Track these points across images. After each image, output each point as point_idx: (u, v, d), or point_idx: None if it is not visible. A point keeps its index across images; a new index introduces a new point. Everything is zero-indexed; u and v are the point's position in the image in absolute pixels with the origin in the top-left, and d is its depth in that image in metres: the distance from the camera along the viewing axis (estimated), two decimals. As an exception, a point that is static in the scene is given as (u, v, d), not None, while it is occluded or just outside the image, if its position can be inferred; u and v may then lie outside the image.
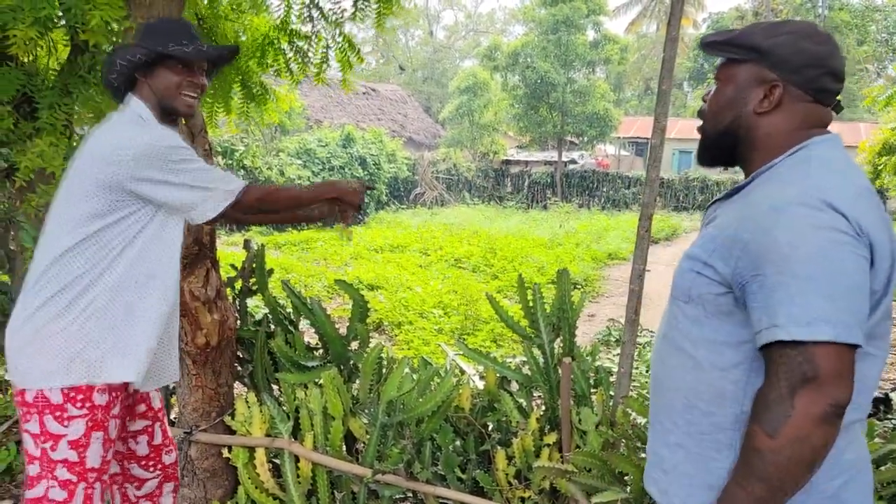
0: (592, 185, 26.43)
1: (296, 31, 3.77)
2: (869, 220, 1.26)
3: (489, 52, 27.15)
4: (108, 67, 2.13)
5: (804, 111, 1.40)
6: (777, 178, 1.37)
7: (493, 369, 3.02)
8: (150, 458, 2.40)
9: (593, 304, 9.28)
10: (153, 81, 2.12)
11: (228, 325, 3.05)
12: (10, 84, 3.04)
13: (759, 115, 1.42)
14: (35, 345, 2.02)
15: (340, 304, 8.31)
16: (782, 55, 1.38)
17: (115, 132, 2.05)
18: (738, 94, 1.44)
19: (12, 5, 2.61)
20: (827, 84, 1.39)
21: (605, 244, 14.29)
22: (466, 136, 27.17)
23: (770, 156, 1.42)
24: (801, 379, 1.18)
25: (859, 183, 1.33)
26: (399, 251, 12.77)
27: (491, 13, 49.46)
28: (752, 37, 1.42)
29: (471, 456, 2.94)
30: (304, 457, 2.94)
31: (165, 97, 2.12)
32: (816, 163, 1.34)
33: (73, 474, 2.05)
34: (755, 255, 1.27)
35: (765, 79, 1.40)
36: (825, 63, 1.38)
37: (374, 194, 20.60)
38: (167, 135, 2.05)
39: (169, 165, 2.01)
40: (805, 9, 38.77)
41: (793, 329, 1.19)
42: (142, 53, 2.07)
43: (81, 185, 2.03)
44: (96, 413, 2.06)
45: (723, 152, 1.52)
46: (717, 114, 1.49)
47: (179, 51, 2.08)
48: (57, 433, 2.03)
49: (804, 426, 1.18)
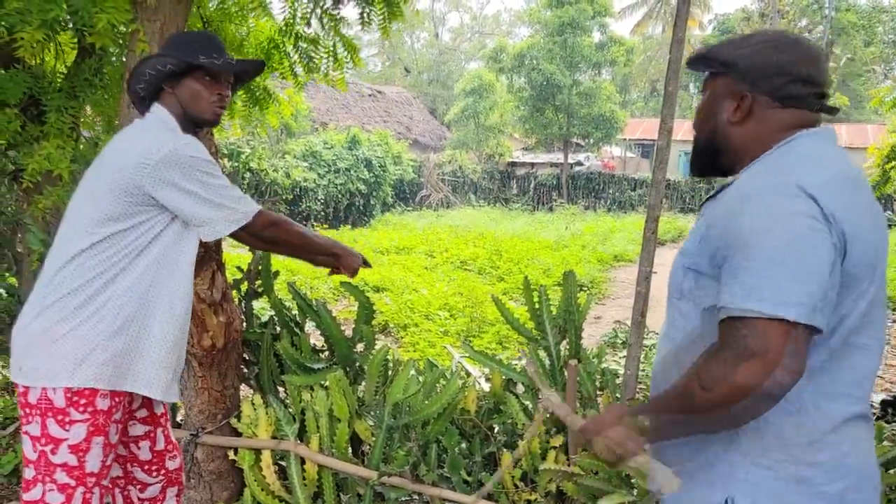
0: (598, 186, 26.39)
1: (300, 34, 3.78)
2: (843, 206, 1.28)
3: (495, 54, 27.13)
4: (135, 76, 2.15)
5: (777, 118, 1.45)
6: (754, 170, 1.44)
7: (498, 371, 3.01)
8: (152, 462, 2.38)
9: (599, 307, 9.26)
10: (180, 92, 2.14)
11: (234, 328, 3.06)
12: (18, 87, 3.06)
13: (733, 125, 1.49)
14: (42, 344, 2.01)
15: (346, 307, 8.31)
16: (748, 66, 1.45)
17: (142, 137, 2.07)
18: (714, 106, 1.52)
19: (20, 8, 2.62)
20: (795, 90, 1.43)
21: (611, 246, 14.27)
22: (472, 138, 27.16)
23: (750, 160, 1.47)
24: (746, 350, 1.22)
25: (839, 169, 1.36)
26: (405, 253, 12.76)
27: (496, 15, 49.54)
28: (721, 51, 1.50)
29: (477, 458, 2.93)
30: (309, 459, 2.94)
31: (192, 107, 2.16)
32: (794, 153, 1.40)
33: (71, 478, 2.05)
34: (727, 242, 1.33)
35: (734, 90, 1.47)
36: (790, 70, 1.42)
37: (380, 196, 20.61)
38: (194, 144, 2.07)
39: (192, 174, 2.03)
40: (811, 10, 38.68)
41: (739, 302, 1.24)
42: (172, 64, 2.10)
43: (100, 188, 2.04)
44: (98, 418, 2.05)
45: (708, 161, 1.58)
46: (701, 125, 1.57)
47: (210, 62, 2.11)
48: (58, 437, 2.02)
49: (735, 394, 1.22)
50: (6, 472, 3.47)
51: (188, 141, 2.07)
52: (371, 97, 28.01)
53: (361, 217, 19.85)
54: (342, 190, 18.92)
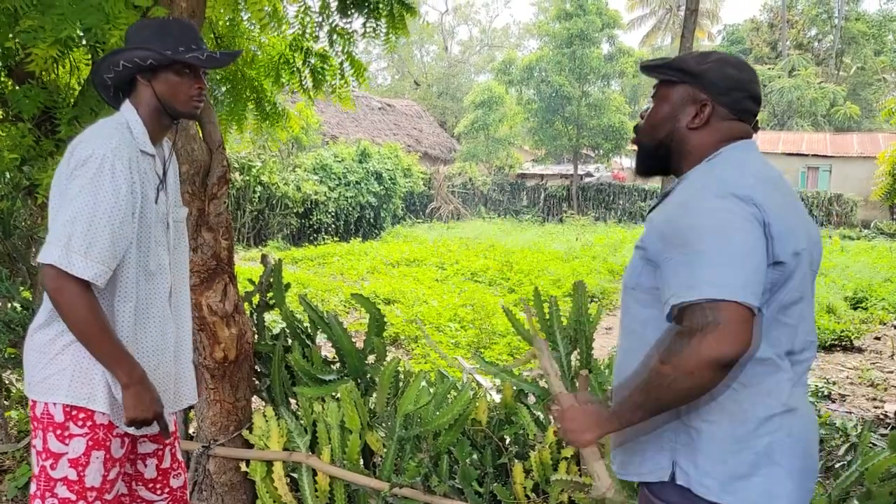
0: (608, 197, 26.37)
1: (310, 50, 3.82)
2: (766, 200, 1.46)
3: (504, 67, 27.24)
4: (105, 66, 2.02)
5: (727, 127, 1.62)
6: (691, 180, 1.61)
7: (509, 382, 3.01)
8: (157, 481, 2.32)
9: (610, 318, 9.24)
10: (157, 84, 2.02)
11: (246, 340, 3.07)
12: (32, 102, 3.09)
13: (691, 130, 1.64)
14: (44, 358, 2.00)
15: (357, 319, 8.32)
16: (712, 79, 1.60)
17: (84, 136, 1.96)
18: (673, 112, 1.66)
19: (34, 25, 2.66)
20: (748, 105, 1.63)
21: (621, 257, 14.22)
22: (482, 150, 27.23)
23: (695, 164, 1.63)
24: (698, 327, 1.37)
25: (762, 173, 1.55)
26: (415, 265, 12.77)
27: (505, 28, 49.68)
28: (686, 62, 1.63)
29: (488, 469, 2.93)
30: (321, 470, 2.94)
31: (172, 101, 2.04)
32: (721, 163, 1.58)
33: (72, 493, 2.01)
34: (666, 243, 1.50)
35: (696, 98, 1.62)
36: (747, 87, 1.62)
37: (391, 208, 20.64)
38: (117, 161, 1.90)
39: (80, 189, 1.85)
40: (821, 20, 38.62)
41: (682, 293, 1.41)
42: (153, 58, 1.97)
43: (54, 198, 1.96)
44: (97, 432, 2.02)
45: (657, 162, 1.73)
46: (654, 129, 1.70)
47: (193, 58, 2.00)
48: (57, 451, 2.00)
49: (690, 363, 1.36)
50: (20, 485, 3.49)
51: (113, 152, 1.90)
52: (381, 110, 28.14)
53: (372, 229, 19.90)
54: (353, 203, 18.99)
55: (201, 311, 2.90)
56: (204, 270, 2.88)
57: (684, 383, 1.38)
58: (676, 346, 1.39)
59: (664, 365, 1.40)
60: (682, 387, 1.39)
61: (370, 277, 11.47)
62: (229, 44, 3.67)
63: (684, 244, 1.44)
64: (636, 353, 1.59)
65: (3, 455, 3.90)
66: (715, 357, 1.34)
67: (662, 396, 1.43)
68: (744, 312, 1.36)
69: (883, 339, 8.08)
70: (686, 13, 2.53)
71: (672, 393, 1.41)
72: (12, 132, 3.32)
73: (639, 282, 1.61)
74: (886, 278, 11.65)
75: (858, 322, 8.68)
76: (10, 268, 3.69)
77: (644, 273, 1.59)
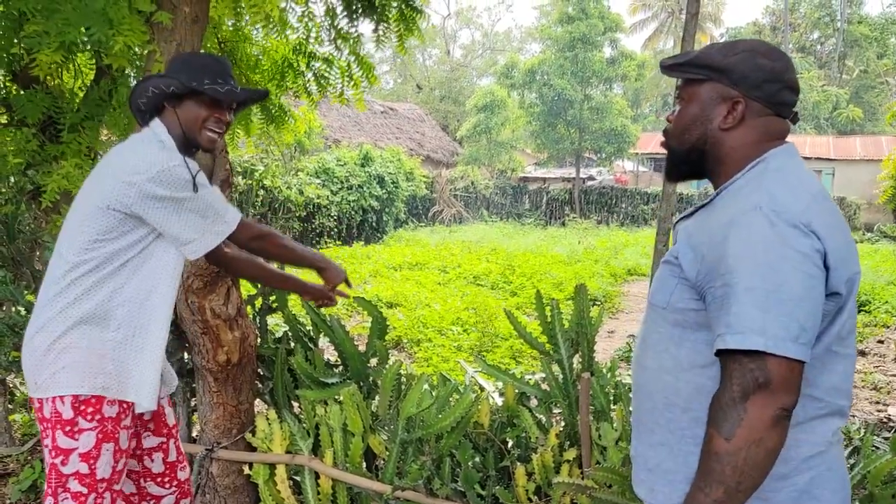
0: (611, 201, 26.37)
1: (313, 53, 3.83)
2: (823, 225, 1.32)
3: (506, 70, 27.26)
4: (138, 92, 2.18)
5: (765, 124, 1.47)
6: (735, 192, 1.44)
7: (512, 385, 3.01)
8: (165, 474, 2.43)
9: (612, 321, 9.23)
10: (181, 112, 2.16)
11: (249, 343, 3.08)
12: (37, 107, 3.11)
13: (725, 131, 1.49)
14: (49, 358, 2.06)
15: (359, 322, 8.33)
16: (742, 72, 1.45)
17: (133, 153, 2.10)
18: (703, 112, 1.51)
19: (39, 31, 2.68)
20: (785, 97, 1.46)
21: (623, 260, 14.23)
22: (484, 154, 27.23)
23: (735, 168, 1.48)
24: (752, 384, 1.25)
25: (812, 189, 1.39)
26: (417, 269, 12.78)
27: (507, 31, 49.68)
28: (710, 57, 1.49)
29: (490, 472, 2.93)
30: (324, 473, 2.95)
31: (190, 129, 2.18)
32: (770, 175, 1.41)
33: (84, 486, 2.09)
34: (711, 268, 1.36)
35: (727, 95, 1.47)
36: (782, 77, 1.45)
37: (393, 212, 20.66)
38: (181, 166, 2.10)
39: (179, 192, 2.07)
40: (823, 23, 38.60)
41: (728, 338, 1.27)
42: (175, 86, 2.12)
43: (93, 203, 2.08)
44: (106, 425, 2.10)
45: (691, 168, 1.59)
46: (684, 132, 1.55)
47: (212, 90, 2.13)
48: (67, 448, 2.07)
49: (757, 429, 1.24)
50: (24, 489, 3.50)
51: (178, 162, 2.09)
52: (383, 114, 28.15)
53: (374, 233, 19.90)
54: (355, 206, 18.99)
55: (204, 315, 2.91)
56: (207, 274, 2.89)
57: (758, 453, 1.25)
58: (733, 417, 1.26)
59: (730, 442, 1.26)
60: (758, 458, 1.26)
61: (373, 281, 11.47)
62: (233, 48, 3.69)
63: (730, 275, 1.30)
64: (668, 374, 1.49)
65: (8, 458, 3.91)
66: (774, 415, 1.24)
67: (744, 478, 1.26)
68: (794, 366, 1.26)
69: (886, 342, 8.07)
70: (687, 17, 2.54)
71: (750, 467, 1.26)
72: (17, 136, 3.34)
73: (670, 301, 1.47)
74: (890, 281, 11.63)
75: (861, 325, 8.67)
76: (15, 271, 3.70)
77: (677, 292, 1.46)
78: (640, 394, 1.59)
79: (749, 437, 1.25)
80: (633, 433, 1.65)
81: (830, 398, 1.41)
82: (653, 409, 1.54)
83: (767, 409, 1.24)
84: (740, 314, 1.27)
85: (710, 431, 1.30)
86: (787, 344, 1.24)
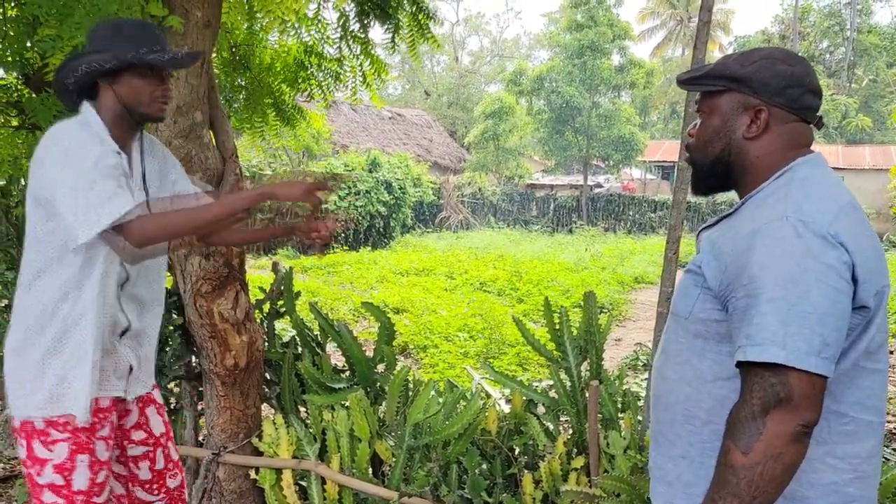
0: (618, 208, 26.32)
1: (324, 55, 3.84)
2: (851, 237, 1.29)
3: (514, 77, 27.28)
4: (66, 70, 1.96)
5: (790, 131, 1.45)
6: (760, 202, 1.42)
7: (519, 392, 3.01)
8: (152, 481, 2.35)
9: (620, 329, 9.21)
10: (119, 88, 1.97)
11: (256, 347, 3.08)
12: (48, 110, 3.12)
13: (749, 140, 1.47)
14: (17, 375, 2.01)
15: (366, 327, 8.33)
16: (762, 79, 1.43)
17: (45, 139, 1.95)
18: (725, 123, 1.49)
19: (52, 35, 2.69)
20: (808, 101, 1.44)
21: (631, 268, 14.20)
22: (492, 160, 27.24)
23: (761, 177, 1.46)
24: (773, 399, 1.23)
25: (841, 200, 1.36)
26: (424, 275, 12.78)
27: (516, 39, 49.68)
28: (728, 67, 1.47)
29: (497, 479, 2.92)
30: (330, 479, 2.94)
31: (136, 105, 1.99)
32: (797, 184, 1.39)
33: (59, 497, 2.02)
34: (734, 277, 1.33)
35: (749, 104, 1.45)
36: (803, 81, 1.43)
37: (400, 218, 20.67)
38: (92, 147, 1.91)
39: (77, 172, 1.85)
40: (832, 32, 38.54)
41: (748, 350, 1.25)
42: (115, 61, 1.92)
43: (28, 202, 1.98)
44: (79, 436, 2.03)
45: (717, 180, 1.56)
46: (707, 144, 1.53)
47: (157, 59, 1.94)
48: (43, 458, 2.01)
49: (776, 444, 1.23)
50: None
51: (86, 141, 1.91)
52: (391, 120, 28.22)
53: (381, 239, 19.92)
54: (362, 212, 19.02)
55: (212, 319, 2.92)
56: (216, 277, 2.90)
57: (776, 468, 1.23)
58: (752, 430, 1.24)
59: (747, 456, 1.24)
60: (775, 473, 1.23)
61: (379, 286, 11.48)
62: (247, 52, 3.69)
63: (753, 285, 1.28)
64: (689, 385, 1.47)
65: (15, 460, 3.92)
66: (794, 431, 1.22)
67: (759, 493, 1.24)
68: (816, 382, 1.23)
69: (895, 353, 8.02)
70: (699, 24, 2.53)
71: (766, 482, 1.24)
72: (29, 140, 3.35)
73: (692, 311, 1.45)
74: (898, 291, 11.56)
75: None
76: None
77: (699, 302, 1.43)
78: (660, 405, 1.57)
79: (767, 451, 1.23)
80: (652, 445, 1.62)
81: (856, 413, 1.37)
82: (672, 420, 1.52)
83: (787, 424, 1.22)
84: (761, 325, 1.25)
85: (727, 443, 1.28)
86: (809, 358, 1.22)
